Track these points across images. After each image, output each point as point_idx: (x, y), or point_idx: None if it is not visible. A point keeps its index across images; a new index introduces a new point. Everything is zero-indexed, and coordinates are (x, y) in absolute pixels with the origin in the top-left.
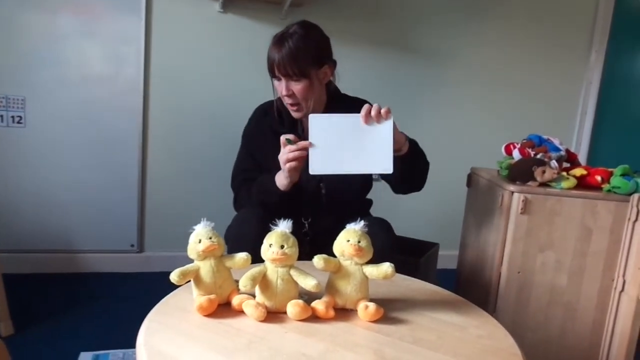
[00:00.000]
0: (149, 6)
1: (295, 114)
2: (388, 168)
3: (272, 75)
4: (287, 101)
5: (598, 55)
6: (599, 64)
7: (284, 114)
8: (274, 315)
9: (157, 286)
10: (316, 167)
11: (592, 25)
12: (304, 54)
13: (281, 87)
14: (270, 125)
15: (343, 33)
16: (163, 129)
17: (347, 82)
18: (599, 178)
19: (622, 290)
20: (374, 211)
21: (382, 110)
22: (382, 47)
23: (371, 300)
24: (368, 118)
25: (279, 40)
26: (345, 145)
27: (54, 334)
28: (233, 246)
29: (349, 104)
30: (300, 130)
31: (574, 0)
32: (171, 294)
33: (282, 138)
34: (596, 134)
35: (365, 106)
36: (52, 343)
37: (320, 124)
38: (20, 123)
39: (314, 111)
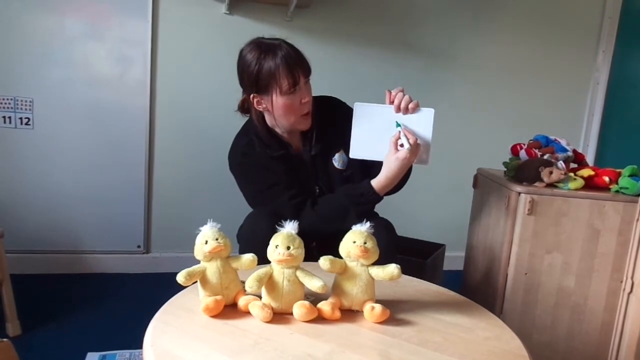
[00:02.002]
0: (155, 8)
1: (307, 123)
2: (425, 160)
3: (292, 85)
4: (304, 111)
5: (605, 56)
6: (606, 64)
7: (270, 141)
8: (280, 316)
9: (164, 287)
10: (356, 152)
11: (600, 26)
12: None
13: (300, 94)
14: (264, 155)
15: (348, 34)
16: (170, 130)
17: (352, 82)
18: (606, 179)
19: (631, 291)
20: (381, 212)
21: (410, 106)
22: (388, 48)
23: (377, 301)
24: (398, 110)
25: (276, 49)
26: (384, 133)
27: (61, 335)
28: (246, 245)
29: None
30: (292, 152)
31: (581, 1)
32: (178, 294)
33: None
34: (604, 135)
35: (388, 95)
36: (59, 343)
37: (363, 111)
38: (29, 125)
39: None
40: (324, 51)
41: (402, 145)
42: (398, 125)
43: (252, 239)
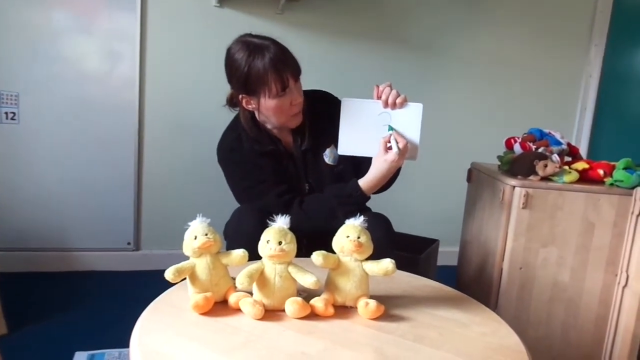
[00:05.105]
0: (144, 1)
1: (297, 121)
2: (413, 156)
3: (282, 89)
4: (295, 111)
5: (598, 49)
6: (599, 58)
7: (259, 136)
8: (272, 313)
9: (154, 284)
10: (344, 148)
11: (592, 20)
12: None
13: (290, 96)
14: (252, 151)
15: (340, 27)
16: (159, 125)
17: (344, 76)
18: (601, 172)
19: (626, 285)
20: (374, 207)
21: (398, 101)
22: (380, 41)
23: (371, 297)
24: (386, 105)
25: (264, 51)
26: (373, 129)
27: (49, 334)
28: (231, 241)
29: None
30: (282, 148)
31: None
32: (166, 292)
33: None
34: (596, 128)
35: (376, 89)
36: (46, 343)
37: (351, 107)
38: (14, 119)
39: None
40: (315, 44)
41: (391, 148)
42: (390, 129)
43: (238, 235)
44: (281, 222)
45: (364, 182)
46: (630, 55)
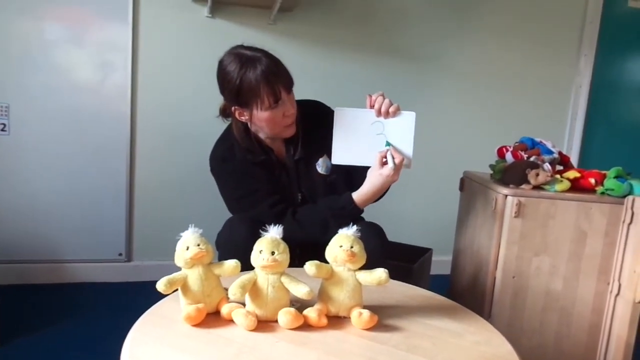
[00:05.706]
0: (136, 12)
1: (291, 131)
2: (407, 164)
3: (274, 102)
4: (288, 123)
5: (587, 59)
6: (588, 68)
7: (252, 146)
8: (264, 324)
9: (146, 296)
10: (338, 158)
11: (581, 30)
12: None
13: (283, 108)
14: (244, 160)
15: (332, 38)
16: (151, 136)
17: (336, 87)
18: (592, 180)
19: (618, 293)
20: (367, 217)
21: (390, 110)
22: (372, 50)
23: (365, 307)
24: (379, 114)
25: (256, 63)
26: (366, 138)
27: (40, 346)
28: (224, 252)
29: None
30: (274, 157)
31: (562, 5)
32: (158, 303)
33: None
34: (587, 137)
35: (369, 99)
36: (38, 355)
37: (344, 116)
38: (4, 131)
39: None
40: (307, 55)
41: (386, 163)
42: (388, 144)
43: (230, 245)
44: (274, 232)
45: (357, 195)
46: (619, 65)
